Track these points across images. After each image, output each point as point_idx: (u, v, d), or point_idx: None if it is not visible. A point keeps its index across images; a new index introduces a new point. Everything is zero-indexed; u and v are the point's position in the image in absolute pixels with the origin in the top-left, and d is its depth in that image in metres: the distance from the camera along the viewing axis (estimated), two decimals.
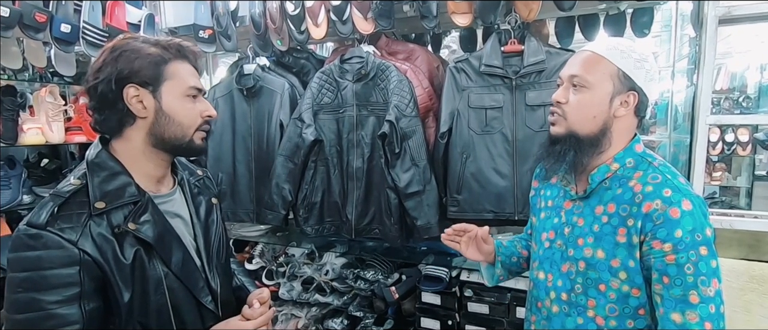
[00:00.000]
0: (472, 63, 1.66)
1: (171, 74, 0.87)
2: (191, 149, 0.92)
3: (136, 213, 0.84)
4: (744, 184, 3.41)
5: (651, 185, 0.90)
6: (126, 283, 0.81)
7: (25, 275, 0.75)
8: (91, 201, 0.81)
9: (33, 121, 1.88)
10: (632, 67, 0.92)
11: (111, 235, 0.81)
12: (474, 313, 1.79)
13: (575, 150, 0.95)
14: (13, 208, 1.84)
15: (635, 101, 0.93)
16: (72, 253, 0.77)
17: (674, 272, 0.85)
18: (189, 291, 0.91)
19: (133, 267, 0.83)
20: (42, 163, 2.15)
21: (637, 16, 1.72)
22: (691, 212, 0.85)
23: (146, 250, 0.85)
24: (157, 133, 0.88)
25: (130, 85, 0.84)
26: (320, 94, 1.83)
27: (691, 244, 0.84)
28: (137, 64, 0.84)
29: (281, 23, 1.89)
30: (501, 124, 1.63)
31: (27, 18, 1.67)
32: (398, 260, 2.09)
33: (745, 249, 1.48)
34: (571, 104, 0.95)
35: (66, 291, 0.76)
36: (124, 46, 0.85)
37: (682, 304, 0.84)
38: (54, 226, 0.77)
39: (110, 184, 0.84)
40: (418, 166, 1.70)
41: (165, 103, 0.87)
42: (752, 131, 3.20)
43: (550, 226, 1.06)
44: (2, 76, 2.20)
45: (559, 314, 1.01)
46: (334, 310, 2.10)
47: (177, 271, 0.88)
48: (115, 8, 1.99)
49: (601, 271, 0.94)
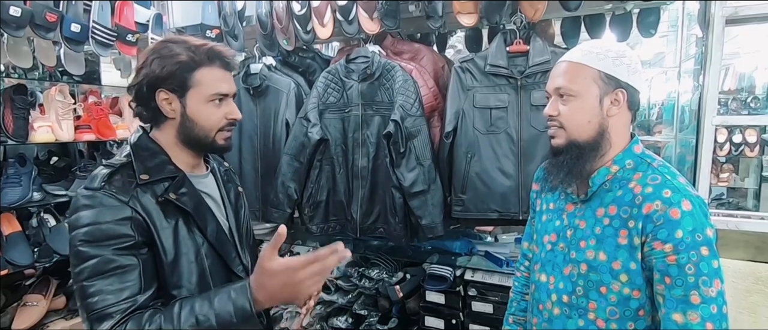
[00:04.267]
0: (477, 63, 1.66)
1: (197, 81, 0.95)
2: (214, 148, 1.02)
3: (175, 186, 0.94)
4: (752, 186, 3.38)
5: (651, 186, 0.90)
6: (169, 246, 0.91)
7: (86, 230, 0.84)
8: (137, 173, 0.91)
9: (43, 119, 1.91)
10: (612, 65, 0.93)
11: (155, 203, 0.91)
12: (478, 313, 1.80)
13: (579, 157, 0.96)
14: (23, 205, 1.87)
15: (625, 97, 0.94)
16: (124, 209, 0.86)
17: (675, 273, 0.85)
18: (222, 260, 1.00)
19: (176, 232, 0.92)
20: (52, 161, 2.18)
21: (643, 16, 1.71)
22: (691, 212, 0.85)
23: (185, 220, 0.94)
24: (183, 132, 0.98)
25: (160, 89, 0.94)
26: (326, 94, 1.84)
27: (691, 244, 0.84)
28: (167, 71, 0.93)
29: (287, 23, 1.90)
30: (506, 124, 1.63)
31: (38, 18, 1.69)
32: (403, 259, 2.10)
33: (752, 250, 1.47)
34: (564, 115, 0.96)
35: (122, 241, 0.85)
36: (161, 49, 0.94)
37: (684, 304, 0.85)
38: (108, 189, 0.87)
39: (151, 161, 0.94)
40: (422, 165, 1.71)
41: (189, 109, 0.96)
42: (760, 132, 3.17)
43: (551, 228, 1.06)
44: (13, 74, 2.23)
45: (560, 317, 1.01)
46: (338, 309, 2.12)
47: (212, 240, 0.98)
48: (124, 8, 2.02)
49: (602, 273, 0.94)
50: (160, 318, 0.82)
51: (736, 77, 3.50)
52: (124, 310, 0.82)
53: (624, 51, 0.95)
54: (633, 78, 0.94)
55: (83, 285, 0.82)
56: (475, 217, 1.69)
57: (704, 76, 1.45)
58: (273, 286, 0.81)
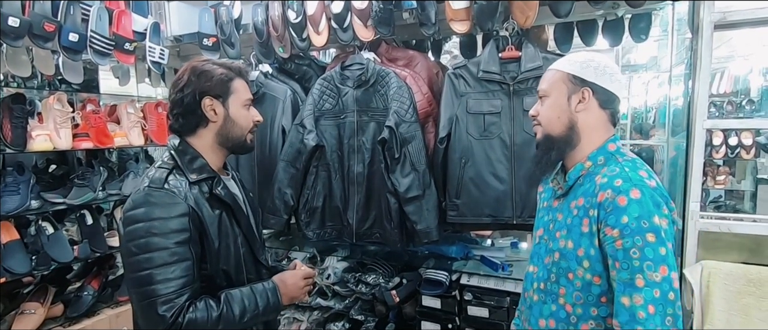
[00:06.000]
0: (470, 69, 1.68)
1: (234, 89, 1.13)
2: (245, 147, 1.18)
3: (216, 183, 1.10)
4: (748, 188, 3.40)
5: (607, 177, 0.97)
6: (215, 235, 1.06)
7: (153, 224, 0.97)
8: (186, 173, 1.06)
9: (41, 127, 1.91)
10: (579, 68, 1.03)
11: (203, 199, 1.06)
12: (474, 317, 1.80)
13: (551, 149, 1.06)
14: (21, 213, 1.87)
15: (590, 95, 1.02)
16: (182, 205, 1.01)
17: (621, 257, 0.91)
18: (251, 249, 1.17)
19: (220, 223, 1.08)
20: (50, 169, 2.19)
21: (634, 21, 1.74)
22: (638, 200, 0.90)
23: (226, 213, 1.10)
24: (223, 133, 1.13)
25: (206, 96, 1.10)
26: (321, 100, 1.86)
27: (637, 230, 0.89)
28: (215, 80, 1.10)
29: (283, 31, 1.92)
30: (499, 129, 1.65)
31: (36, 28, 1.71)
32: (399, 264, 2.11)
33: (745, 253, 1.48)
34: (541, 113, 1.09)
35: (179, 235, 0.99)
36: (202, 67, 1.11)
37: (630, 287, 0.89)
38: (168, 188, 1.01)
39: (194, 163, 1.09)
40: (417, 171, 1.72)
41: (231, 111, 1.13)
42: (755, 134, 3.19)
43: (541, 223, 1.16)
44: (12, 84, 2.25)
45: (538, 302, 1.10)
46: (335, 314, 2.12)
47: (246, 231, 1.16)
48: (121, 17, 2.04)
49: (570, 260, 1.01)
50: (214, 303, 1.01)
51: (732, 80, 3.52)
52: (187, 296, 0.97)
53: (593, 57, 1.04)
54: (601, 79, 1.02)
55: (149, 273, 0.95)
56: (469, 221, 1.71)
57: (693, 79, 1.46)
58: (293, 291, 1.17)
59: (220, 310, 1.01)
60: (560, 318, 1.04)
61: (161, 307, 0.94)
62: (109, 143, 2.14)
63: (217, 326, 0.99)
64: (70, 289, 2.20)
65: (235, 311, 1.02)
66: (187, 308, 0.97)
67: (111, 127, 2.23)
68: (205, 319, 0.98)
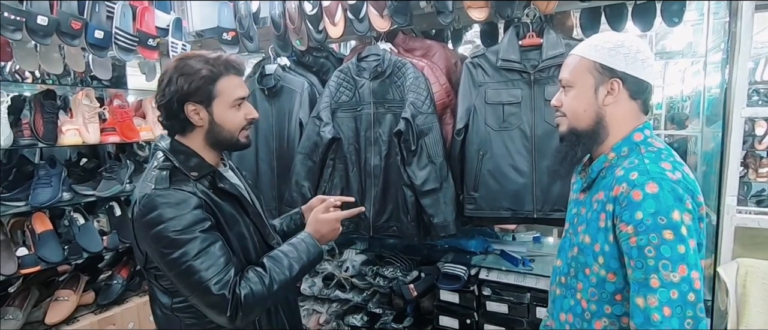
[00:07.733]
0: (488, 58, 1.63)
1: (220, 91, 1.07)
2: (237, 146, 1.15)
3: (218, 177, 1.09)
4: None
5: (624, 170, 0.91)
6: (228, 225, 1.07)
7: (174, 222, 0.97)
8: (186, 171, 1.05)
9: (71, 122, 1.99)
10: (607, 56, 0.94)
11: (209, 193, 1.06)
12: (493, 313, 1.77)
13: (577, 144, 1.00)
14: (54, 205, 1.96)
15: (620, 87, 0.94)
16: (194, 199, 1.00)
17: (636, 255, 0.85)
18: (262, 234, 1.17)
19: (229, 214, 1.08)
20: (81, 162, 2.28)
21: (667, 3, 1.63)
22: (655, 195, 0.84)
23: (232, 204, 1.10)
24: (211, 136, 1.10)
25: (188, 102, 1.05)
26: (338, 93, 1.85)
27: (652, 227, 0.83)
28: (194, 85, 1.04)
29: (300, 23, 1.92)
30: (519, 120, 1.59)
31: (64, 26, 1.78)
32: (417, 258, 2.09)
33: None
34: (565, 105, 1.01)
35: (203, 224, 0.99)
36: (183, 67, 1.05)
37: (644, 287, 0.84)
38: (176, 186, 1.01)
39: (190, 161, 1.07)
40: (434, 163, 1.69)
41: (216, 116, 1.08)
42: None
43: (568, 216, 1.11)
44: (48, 81, 2.34)
45: (559, 296, 1.07)
46: (354, 307, 2.12)
47: (255, 219, 1.15)
48: (145, 14, 2.09)
49: (587, 255, 0.96)
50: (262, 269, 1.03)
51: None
52: (234, 270, 0.99)
53: (622, 41, 0.95)
54: (632, 67, 0.93)
55: (191, 265, 0.96)
56: (487, 215, 1.66)
57: (731, 65, 1.36)
58: (325, 229, 1.17)
59: (270, 273, 1.02)
60: (577, 313, 1.00)
61: (216, 288, 0.95)
62: (135, 137, 2.21)
63: (273, 288, 1.01)
64: (101, 278, 2.29)
65: (285, 269, 1.04)
66: (238, 282, 0.98)
67: (137, 121, 2.29)
68: (260, 288, 0.99)
